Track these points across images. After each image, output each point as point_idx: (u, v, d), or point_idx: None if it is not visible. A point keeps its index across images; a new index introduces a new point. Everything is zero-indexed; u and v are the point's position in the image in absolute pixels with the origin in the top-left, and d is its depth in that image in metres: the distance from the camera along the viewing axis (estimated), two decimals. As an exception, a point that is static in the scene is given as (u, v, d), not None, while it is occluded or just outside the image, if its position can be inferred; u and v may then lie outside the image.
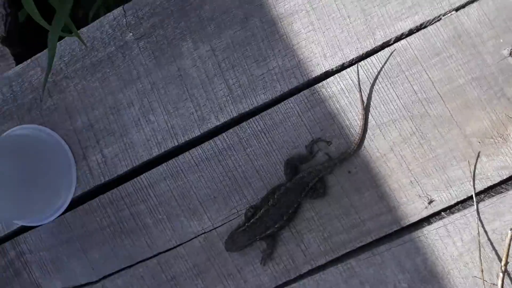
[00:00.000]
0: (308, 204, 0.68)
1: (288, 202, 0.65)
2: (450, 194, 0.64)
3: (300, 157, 0.67)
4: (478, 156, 0.63)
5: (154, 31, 0.73)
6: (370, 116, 0.66)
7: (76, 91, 0.76)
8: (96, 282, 0.74)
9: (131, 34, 0.74)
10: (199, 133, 0.72)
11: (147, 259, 0.73)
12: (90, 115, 0.75)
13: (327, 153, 0.67)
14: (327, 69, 0.68)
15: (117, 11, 0.75)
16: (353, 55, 0.67)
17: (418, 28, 0.66)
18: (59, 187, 0.77)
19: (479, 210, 0.63)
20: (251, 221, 0.65)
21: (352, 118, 0.67)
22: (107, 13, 0.77)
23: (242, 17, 0.70)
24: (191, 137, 0.72)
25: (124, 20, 0.75)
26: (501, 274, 0.61)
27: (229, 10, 0.70)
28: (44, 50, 0.79)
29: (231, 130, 0.71)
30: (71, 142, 0.76)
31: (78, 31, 0.76)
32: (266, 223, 0.65)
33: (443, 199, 0.64)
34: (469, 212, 0.64)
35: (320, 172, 0.64)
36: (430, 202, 0.64)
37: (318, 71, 0.68)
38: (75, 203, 0.77)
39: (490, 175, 0.63)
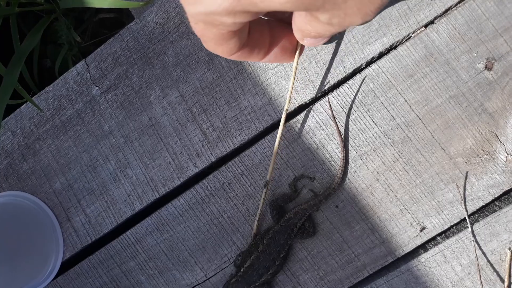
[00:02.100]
0: (300, 244, 0.77)
1: (278, 246, 0.73)
2: (443, 218, 0.72)
3: (285, 196, 0.76)
4: (466, 176, 0.70)
5: (119, 82, 0.82)
6: (350, 147, 0.74)
7: (50, 152, 0.86)
8: None
9: (97, 88, 0.83)
10: (179, 182, 0.81)
11: (144, 317, 0.82)
12: (67, 175, 0.85)
13: (311, 189, 0.75)
14: (300, 103, 0.76)
15: (80, 65, 0.85)
16: (324, 86, 0.74)
17: (388, 50, 0.73)
18: (46, 252, 0.87)
19: (474, 231, 0.71)
20: (242, 270, 0.74)
21: (332, 151, 0.74)
22: (73, 66, 0.87)
23: (207, 58, 0.78)
24: (171, 188, 0.81)
25: (88, 74, 0.84)
26: (502, 297, 0.68)
27: (193, 53, 0.79)
28: (13, 113, 0.89)
29: (211, 176, 0.80)
30: (52, 204, 0.86)
31: (44, 90, 0.86)
32: (258, 270, 0.74)
33: (436, 225, 0.72)
34: (465, 235, 0.71)
35: (306, 211, 0.73)
36: (422, 229, 0.72)
37: (291, 106, 0.76)
38: (65, 267, 0.87)
39: (481, 194, 0.71)
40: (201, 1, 0.41)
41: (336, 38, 0.74)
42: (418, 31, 0.72)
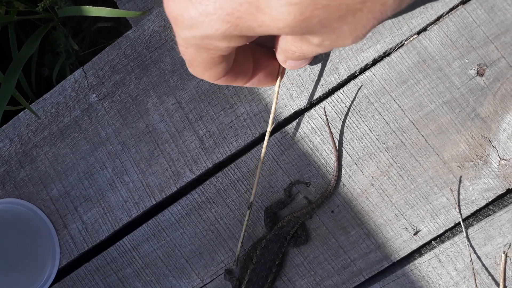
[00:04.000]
0: (296, 249, 0.78)
1: (272, 255, 0.74)
2: (437, 223, 0.73)
3: (279, 202, 0.77)
4: (460, 181, 0.72)
5: (117, 89, 0.84)
6: (345, 152, 0.75)
7: (47, 160, 0.87)
8: None
9: (94, 95, 0.85)
10: (175, 189, 0.82)
11: (140, 324, 0.83)
12: (64, 182, 0.86)
13: (305, 196, 0.76)
14: (295, 109, 0.77)
15: (78, 73, 0.86)
16: (319, 92, 0.76)
17: (382, 57, 0.74)
18: (43, 259, 0.88)
19: (469, 235, 0.72)
20: (243, 286, 0.74)
21: (327, 156, 0.76)
22: (70, 74, 0.88)
23: (203, 65, 0.80)
24: (168, 194, 0.82)
25: (86, 81, 0.85)
26: (497, 301, 0.69)
27: (189, 60, 0.80)
28: (10, 121, 0.90)
29: (207, 182, 0.81)
30: (49, 211, 0.87)
31: (42, 97, 0.87)
32: (258, 282, 0.74)
33: (430, 229, 0.73)
34: (459, 239, 0.72)
35: (299, 219, 0.73)
36: (416, 233, 0.73)
37: (286, 112, 0.78)
38: (61, 274, 0.88)
39: (475, 199, 0.72)
40: (197, 26, 0.42)
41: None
42: (411, 38, 0.74)
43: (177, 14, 0.42)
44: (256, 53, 0.59)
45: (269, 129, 0.71)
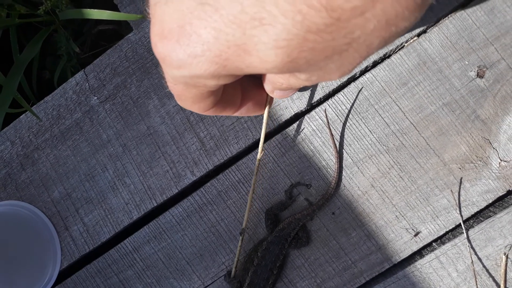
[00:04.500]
0: (296, 251, 0.78)
1: (273, 257, 0.74)
2: (438, 224, 0.73)
3: (280, 204, 0.77)
4: (461, 182, 0.72)
5: (118, 92, 0.84)
6: (345, 154, 0.75)
7: (49, 162, 0.87)
8: None
9: (95, 97, 0.85)
10: (176, 191, 0.82)
11: (142, 326, 0.83)
12: (65, 184, 0.86)
13: (306, 198, 0.76)
14: (296, 111, 0.78)
15: (79, 76, 0.86)
16: (319, 94, 0.76)
17: (382, 59, 0.75)
18: (44, 261, 0.88)
19: (470, 237, 0.72)
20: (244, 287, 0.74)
21: (328, 158, 0.76)
22: (71, 77, 0.88)
23: (204, 68, 0.80)
24: (169, 196, 0.82)
25: (87, 84, 0.86)
26: (498, 302, 0.69)
27: (190, 62, 0.80)
28: (12, 123, 0.90)
29: (208, 184, 0.81)
30: (50, 214, 0.87)
31: (43, 100, 0.88)
32: (259, 284, 0.74)
33: (431, 231, 0.73)
34: (460, 241, 0.73)
35: (300, 221, 0.74)
36: (416, 234, 0.73)
37: (287, 114, 0.78)
38: (62, 276, 0.88)
39: (475, 200, 0.72)
40: (185, 66, 0.42)
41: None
42: (411, 40, 0.75)
43: (165, 55, 0.42)
44: (244, 84, 0.60)
45: (258, 156, 0.72)
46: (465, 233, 0.73)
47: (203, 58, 0.40)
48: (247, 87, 0.61)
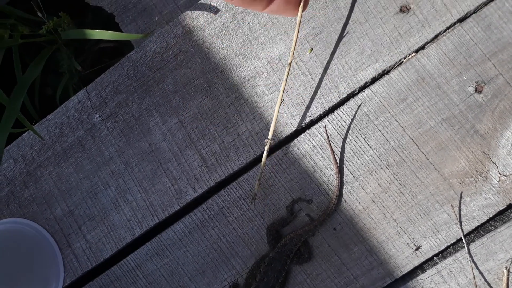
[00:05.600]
0: (298, 267, 0.78)
1: (275, 273, 0.75)
2: (439, 239, 0.74)
3: (281, 220, 0.78)
4: (461, 197, 0.73)
5: (120, 109, 0.85)
6: (346, 170, 0.76)
7: (51, 179, 0.88)
8: None
9: (97, 115, 0.86)
10: (178, 207, 0.83)
11: None
12: (68, 201, 0.87)
13: (308, 214, 0.77)
14: (296, 128, 0.78)
15: (81, 94, 0.87)
16: (319, 110, 0.77)
17: (381, 75, 0.76)
18: (47, 278, 0.88)
19: (471, 251, 0.72)
20: None
21: (329, 173, 0.77)
22: (73, 94, 0.89)
23: (205, 85, 0.81)
24: (171, 212, 0.83)
25: (89, 102, 0.87)
26: (499, 317, 0.70)
27: (191, 80, 0.82)
28: (15, 141, 0.91)
29: (210, 200, 0.82)
30: (53, 231, 0.88)
31: (46, 118, 0.89)
32: None
33: (432, 245, 0.74)
34: (461, 255, 0.73)
35: (302, 237, 0.74)
36: (417, 248, 0.73)
37: (287, 130, 0.79)
38: (65, 293, 0.88)
39: (476, 215, 0.73)
40: None
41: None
42: (410, 57, 0.76)
43: None
44: None
45: (290, 60, 0.67)
46: (466, 248, 0.73)
47: None
48: None
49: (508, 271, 0.72)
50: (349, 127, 0.77)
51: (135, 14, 0.94)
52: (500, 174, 0.72)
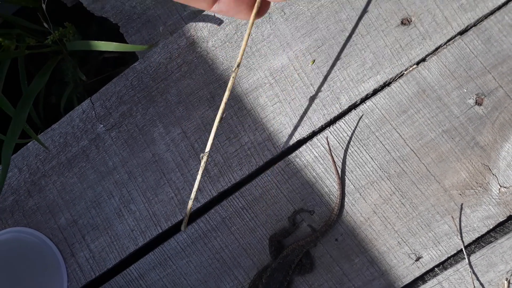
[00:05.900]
0: (300, 277, 0.79)
1: (277, 284, 0.75)
2: (440, 250, 0.74)
3: (283, 231, 0.78)
4: (461, 208, 0.73)
5: (124, 120, 0.86)
6: (347, 181, 0.77)
7: (55, 189, 0.89)
8: None
9: (101, 125, 0.87)
10: (181, 217, 0.83)
11: None
12: (72, 211, 0.88)
13: (309, 224, 0.78)
14: (298, 139, 0.79)
15: (86, 104, 0.88)
16: (321, 122, 0.78)
17: (382, 87, 0.77)
18: (51, 287, 0.89)
19: (471, 262, 0.73)
20: None
21: (330, 184, 0.77)
22: (77, 103, 0.90)
23: (209, 96, 0.82)
24: (174, 222, 0.84)
25: (93, 112, 0.88)
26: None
27: (195, 91, 0.83)
28: (19, 151, 0.92)
29: (212, 211, 0.82)
30: (57, 240, 0.89)
31: (50, 128, 0.90)
32: None
33: (433, 256, 0.74)
34: (462, 266, 0.74)
35: (303, 248, 0.75)
36: (418, 259, 0.74)
37: (290, 141, 0.79)
38: (68, 302, 0.89)
39: (476, 226, 0.73)
40: None
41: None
42: (410, 69, 0.77)
43: None
44: None
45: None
46: (466, 259, 0.74)
47: None
48: None
49: (509, 283, 0.73)
50: (350, 138, 0.78)
51: (140, 25, 0.96)
52: (500, 186, 0.73)
